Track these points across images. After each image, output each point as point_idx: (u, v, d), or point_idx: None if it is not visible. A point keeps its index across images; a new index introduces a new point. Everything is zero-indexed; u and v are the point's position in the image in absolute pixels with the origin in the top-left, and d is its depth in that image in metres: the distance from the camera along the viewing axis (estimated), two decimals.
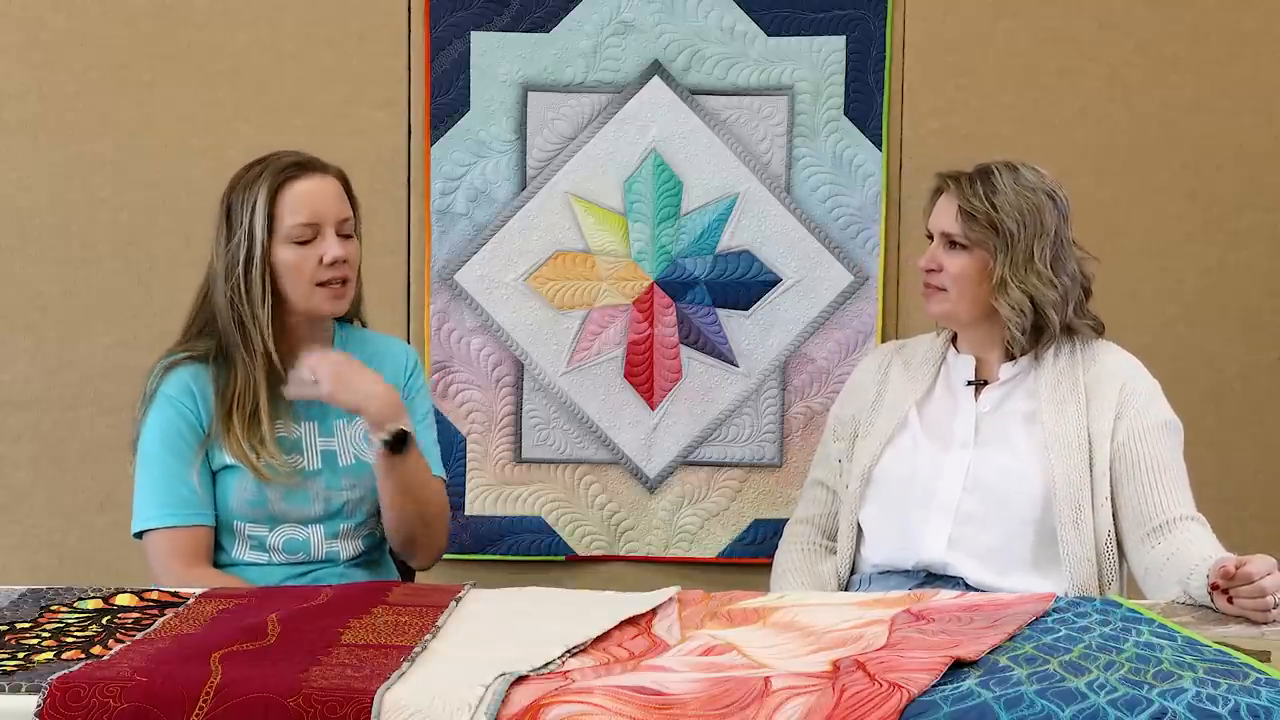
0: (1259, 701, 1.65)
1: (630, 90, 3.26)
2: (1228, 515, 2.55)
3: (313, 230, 2.41)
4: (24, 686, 1.72)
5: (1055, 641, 1.89)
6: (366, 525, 2.52)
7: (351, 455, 2.49)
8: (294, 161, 2.45)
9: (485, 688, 1.68)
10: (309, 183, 2.43)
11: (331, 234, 2.42)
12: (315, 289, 2.42)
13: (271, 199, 2.40)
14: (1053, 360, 2.56)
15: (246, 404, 2.40)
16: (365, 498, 2.49)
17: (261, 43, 3.27)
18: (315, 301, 2.42)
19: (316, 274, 2.41)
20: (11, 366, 3.29)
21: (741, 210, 3.27)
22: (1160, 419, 2.51)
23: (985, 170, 2.56)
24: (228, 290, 2.41)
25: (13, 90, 3.26)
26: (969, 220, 2.52)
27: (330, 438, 2.49)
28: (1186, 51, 3.25)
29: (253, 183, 2.42)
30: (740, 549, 3.31)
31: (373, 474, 2.46)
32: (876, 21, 3.24)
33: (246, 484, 2.41)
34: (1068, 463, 2.47)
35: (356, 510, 2.49)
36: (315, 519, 2.46)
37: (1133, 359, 2.59)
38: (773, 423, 3.31)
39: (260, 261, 2.39)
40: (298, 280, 2.41)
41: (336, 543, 2.49)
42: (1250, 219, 3.28)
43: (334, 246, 2.41)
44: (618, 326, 3.30)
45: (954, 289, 2.55)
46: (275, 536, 2.44)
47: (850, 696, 1.66)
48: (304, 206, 2.41)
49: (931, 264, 2.57)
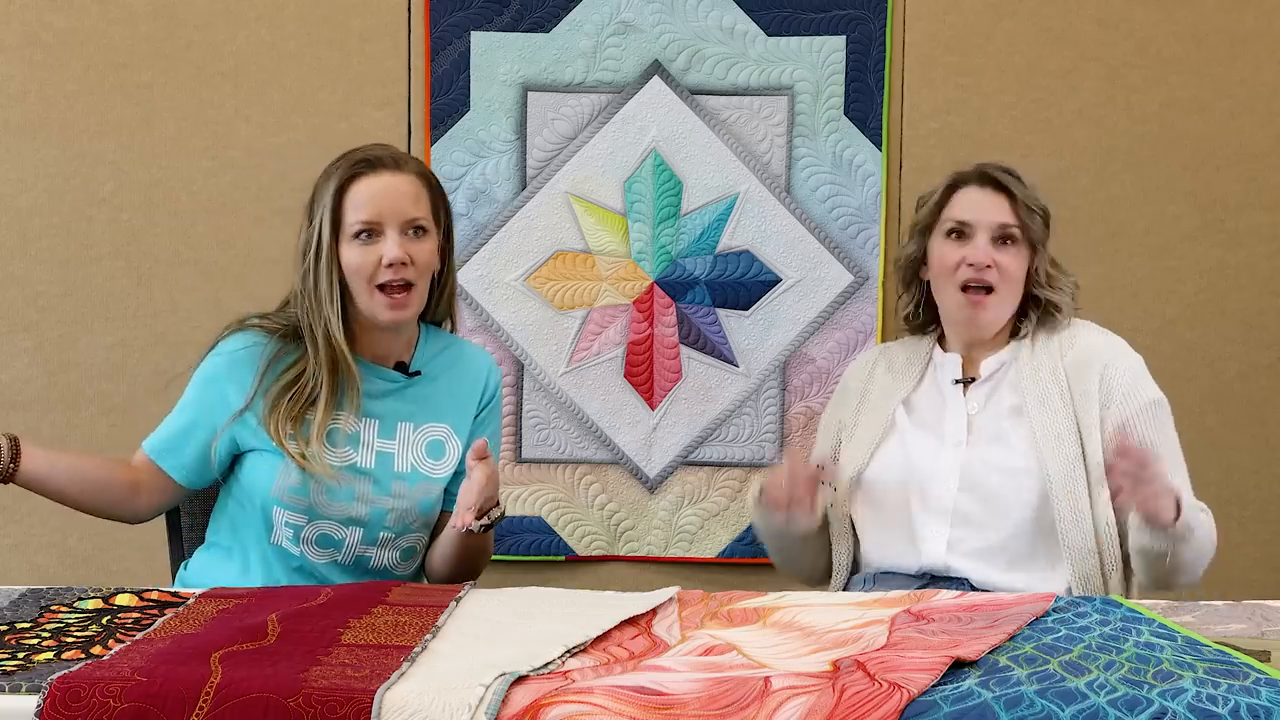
0: (1259, 701, 1.65)
1: (630, 90, 3.27)
2: (1228, 515, 2.56)
3: (374, 227, 2.34)
4: (24, 686, 1.72)
5: (1055, 641, 1.89)
6: (406, 539, 2.45)
7: (409, 463, 2.42)
8: (364, 157, 2.38)
9: (485, 688, 1.68)
10: (377, 180, 2.35)
11: (393, 233, 2.34)
12: (375, 294, 2.34)
13: (339, 194, 2.35)
14: (1030, 351, 2.55)
15: (304, 390, 2.35)
16: (411, 510, 2.42)
17: (261, 43, 3.27)
18: (373, 306, 2.35)
19: (375, 275, 2.33)
20: (11, 366, 3.29)
21: (741, 210, 3.27)
22: (1147, 399, 2.50)
23: (1008, 168, 2.58)
24: (300, 279, 2.38)
25: (13, 90, 3.27)
26: (1028, 212, 2.52)
27: (390, 440, 2.42)
28: (1186, 51, 3.25)
29: (329, 175, 2.38)
30: (740, 549, 3.32)
31: (425, 487, 2.42)
32: (876, 21, 3.24)
33: (291, 470, 2.35)
34: (1060, 456, 2.47)
35: (400, 521, 2.41)
36: (356, 520, 2.39)
37: (1111, 337, 2.58)
38: (773, 423, 3.31)
39: (327, 255, 2.34)
40: (357, 280, 2.34)
41: (372, 549, 2.42)
42: (1250, 219, 3.28)
43: (393, 247, 2.32)
44: (618, 326, 3.30)
45: (1004, 288, 2.52)
46: (311, 530, 2.38)
47: (850, 696, 1.66)
48: (366, 204, 2.34)
49: (986, 259, 2.51)
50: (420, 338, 2.49)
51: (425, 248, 2.38)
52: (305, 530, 2.39)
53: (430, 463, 2.44)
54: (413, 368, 2.46)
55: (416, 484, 2.42)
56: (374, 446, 2.40)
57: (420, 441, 2.43)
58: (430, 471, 2.44)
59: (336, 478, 2.36)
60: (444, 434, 2.46)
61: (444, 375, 2.48)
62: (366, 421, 2.40)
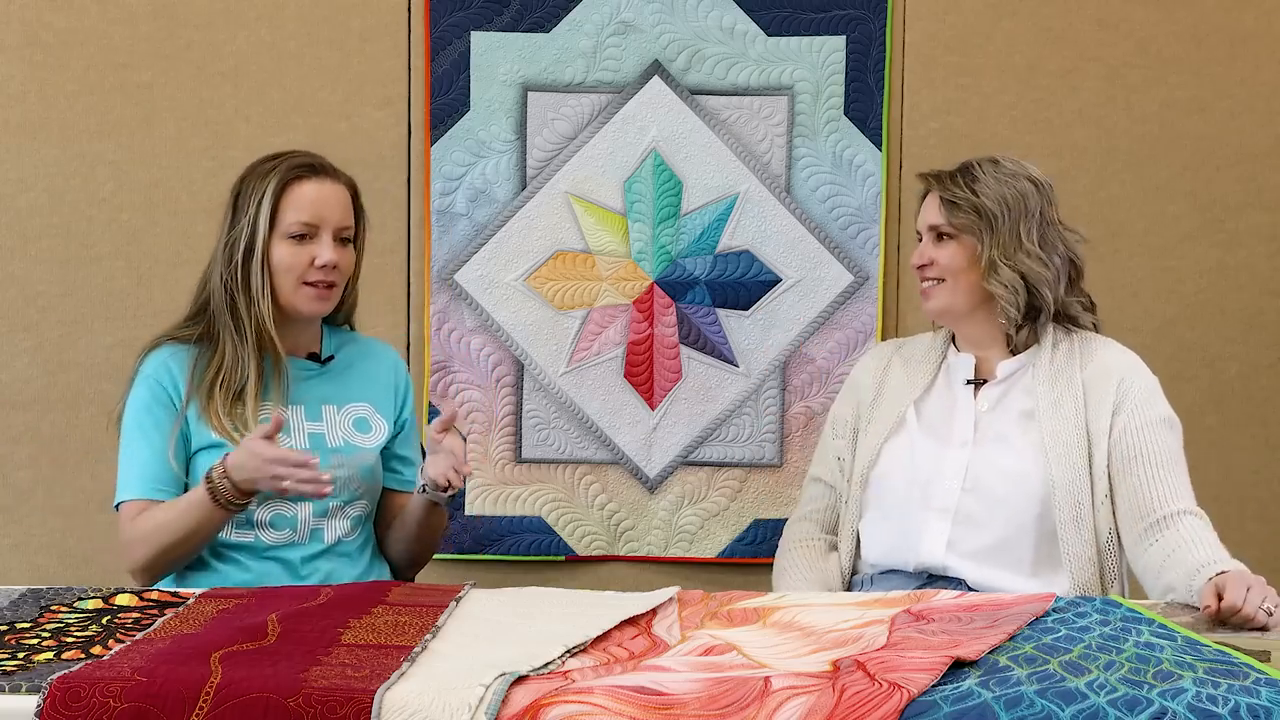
0: (1259, 701, 1.65)
1: (630, 90, 3.27)
2: (1228, 515, 2.55)
3: (310, 230, 2.48)
4: (24, 686, 1.72)
5: (1055, 641, 1.89)
6: (355, 506, 2.55)
7: (340, 438, 2.54)
8: (306, 162, 2.53)
9: (485, 688, 1.68)
10: (317, 185, 2.51)
11: (328, 238, 2.49)
12: (301, 287, 2.49)
13: (278, 194, 2.48)
14: (1050, 357, 2.56)
15: (232, 383, 2.46)
16: (354, 477, 2.53)
17: (261, 43, 3.27)
18: (298, 299, 2.49)
19: (305, 274, 2.48)
20: (11, 366, 3.29)
21: (741, 210, 3.27)
22: (1159, 415, 2.51)
23: (966, 165, 2.62)
24: (225, 274, 2.49)
25: (13, 90, 3.26)
26: (952, 209, 2.57)
27: (318, 421, 2.54)
28: (1186, 51, 3.25)
29: (264, 175, 2.50)
30: (740, 549, 3.31)
31: (361, 457, 2.53)
32: (876, 21, 3.24)
33: None
34: (1066, 462, 2.48)
35: (344, 489, 2.51)
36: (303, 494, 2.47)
37: (1131, 355, 2.59)
38: (773, 423, 3.31)
39: (261, 251, 2.47)
40: (286, 276, 2.48)
41: (324, 521, 2.51)
42: (1250, 219, 3.28)
43: (326, 251, 2.48)
44: (618, 326, 3.30)
45: (949, 279, 2.58)
46: (263, 512, 2.46)
47: (850, 696, 1.66)
48: (307, 206, 2.49)
49: (922, 259, 2.61)
50: (324, 333, 2.63)
51: (349, 255, 2.55)
52: (258, 513, 2.46)
53: (360, 436, 2.57)
54: (324, 355, 2.59)
55: (352, 454, 2.54)
56: (304, 430, 2.52)
57: (345, 420, 2.57)
58: (361, 443, 2.57)
59: None
60: (366, 412, 2.60)
61: (356, 363, 2.63)
62: (293, 409, 2.51)
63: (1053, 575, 2.47)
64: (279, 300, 2.49)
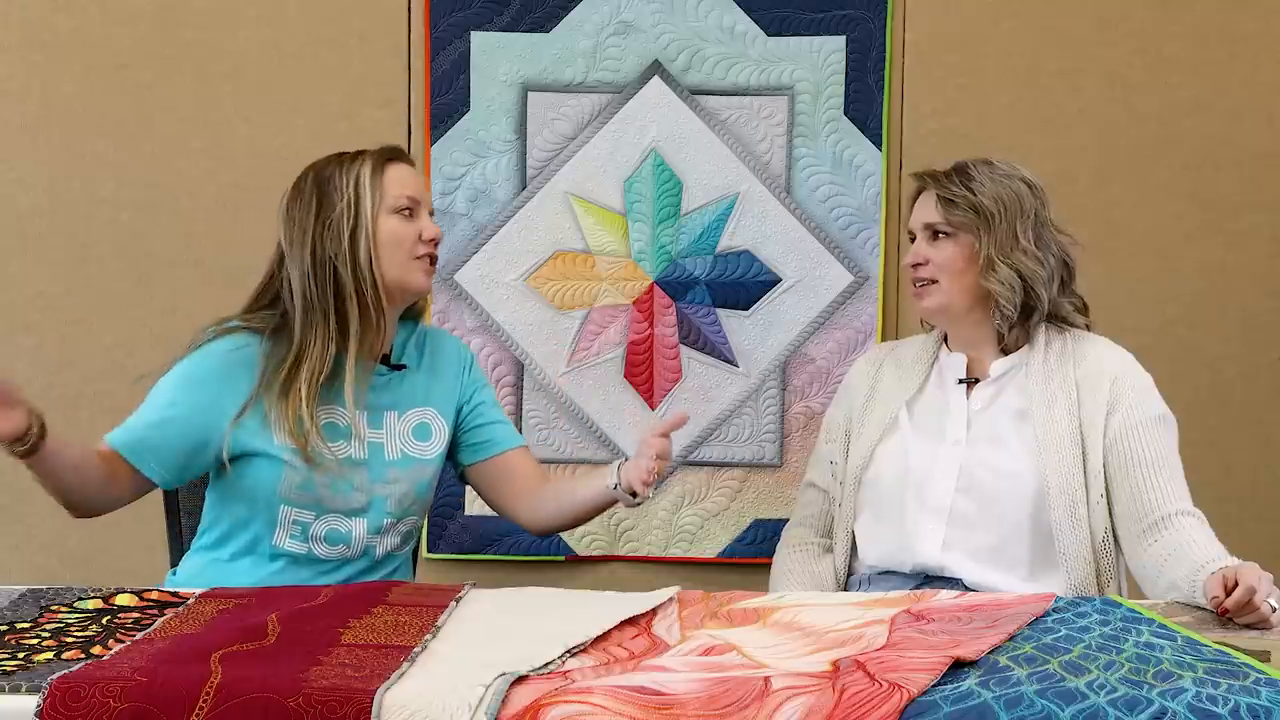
0: (1259, 701, 1.65)
1: (630, 90, 3.27)
2: (1228, 515, 2.55)
3: (414, 205, 2.47)
4: (24, 686, 1.72)
5: (1055, 641, 1.89)
6: (406, 522, 2.51)
7: (398, 449, 2.48)
8: (393, 147, 2.52)
9: (485, 688, 1.68)
10: (407, 168, 2.51)
11: (426, 214, 2.50)
12: (412, 261, 2.46)
13: (378, 174, 2.46)
14: (1043, 356, 2.56)
15: (315, 381, 2.38)
16: (409, 493, 2.48)
17: (261, 43, 3.27)
18: (411, 273, 2.46)
19: (415, 247, 2.46)
20: (11, 366, 3.29)
21: (741, 210, 3.27)
22: (1153, 413, 2.50)
23: (961, 165, 2.61)
24: (325, 263, 2.40)
25: (13, 90, 3.27)
26: (949, 207, 2.56)
27: (379, 430, 2.47)
28: (1186, 51, 3.25)
29: (352, 162, 2.47)
30: (740, 549, 3.32)
31: (418, 469, 2.49)
32: (876, 21, 3.24)
33: (297, 466, 2.38)
34: (1060, 461, 2.47)
35: (399, 505, 2.48)
36: (359, 510, 2.44)
37: (1125, 353, 2.59)
38: (773, 423, 3.31)
39: (370, 229, 2.42)
40: (397, 251, 2.44)
41: (377, 538, 2.47)
42: (1250, 219, 3.28)
43: (430, 225, 2.48)
44: (618, 326, 3.30)
45: (944, 279, 2.57)
46: (320, 525, 2.43)
47: (850, 696, 1.66)
48: (409, 183, 2.48)
49: (917, 259, 2.60)
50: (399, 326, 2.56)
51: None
52: (314, 526, 2.43)
53: (418, 445, 2.51)
54: (395, 360, 2.52)
55: (409, 468, 2.48)
56: (365, 438, 2.45)
57: (405, 427, 2.51)
58: (420, 453, 2.50)
59: (340, 470, 2.40)
60: (429, 416, 2.53)
61: (422, 364, 2.57)
62: (357, 414, 2.43)
63: (1049, 575, 2.47)
64: (387, 280, 2.43)
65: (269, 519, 2.42)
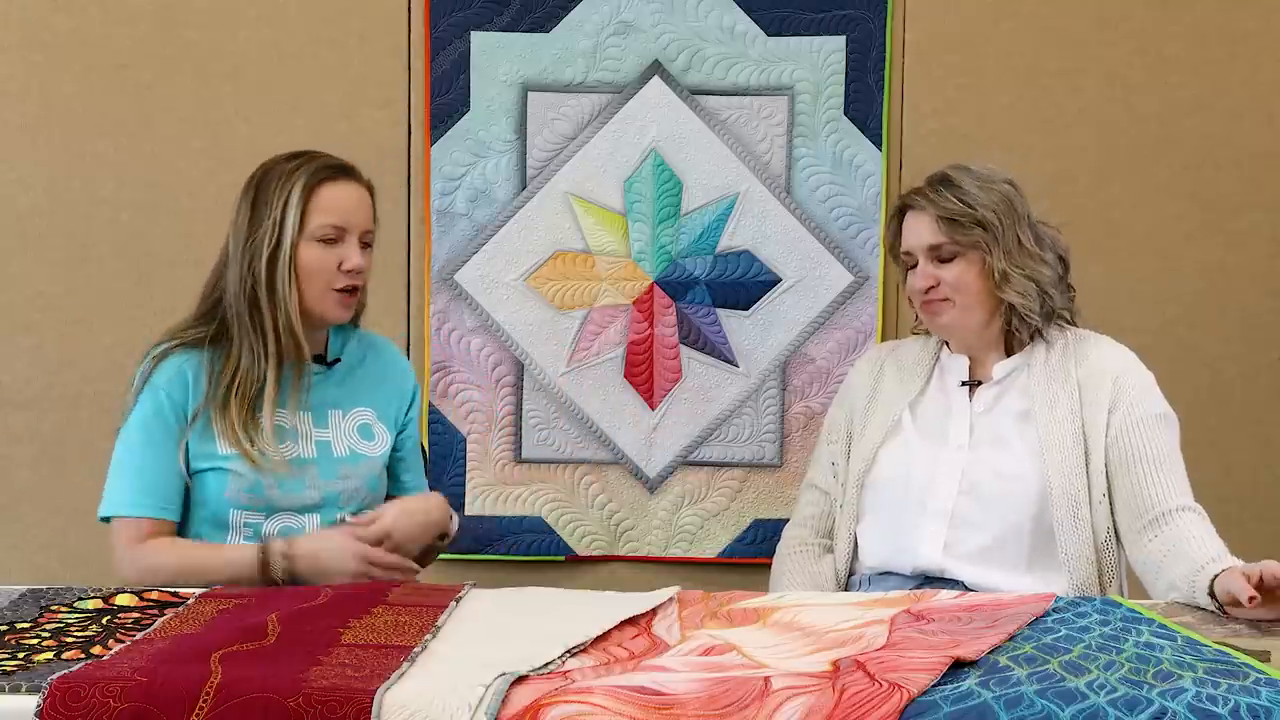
0: (1259, 701, 1.65)
1: (630, 90, 3.27)
2: (1228, 515, 2.55)
3: (339, 234, 2.43)
4: (24, 686, 1.72)
5: (1055, 641, 1.89)
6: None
7: (346, 447, 2.50)
8: (333, 164, 2.46)
9: (485, 688, 1.68)
10: (345, 187, 2.45)
11: (354, 242, 2.44)
12: (328, 293, 2.43)
13: (306, 195, 2.41)
14: (1045, 356, 2.56)
15: (249, 390, 2.40)
16: (361, 488, 2.50)
17: (261, 43, 3.27)
18: (326, 305, 2.44)
19: (333, 279, 2.43)
20: (11, 366, 3.29)
21: (741, 210, 3.27)
22: (1155, 411, 2.50)
23: (941, 177, 2.57)
24: (247, 276, 2.41)
25: (13, 90, 3.27)
26: (953, 227, 2.51)
27: (324, 429, 2.50)
28: (1186, 51, 3.25)
29: (289, 175, 2.43)
30: (740, 549, 3.32)
31: (367, 464, 2.51)
32: (876, 21, 3.24)
33: (243, 472, 2.40)
34: (1063, 461, 2.47)
35: (352, 500, 2.49)
36: (311, 507, 2.45)
37: (1126, 352, 2.58)
38: (773, 423, 3.31)
39: (289, 253, 2.40)
40: (314, 280, 2.42)
41: None
42: (1250, 219, 3.28)
43: (355, 255, 2.43)
44: (618, 326, 3.30)
45: (960, 298, 2.53)
46: (271, 524, 2.43)
47: (850, 696, 1.66)
48: (337, 209, 2.43)
49: (928, 280, 2.54)
50: (331, 334, 2.57)
51: (370, 259, 2.50)
52: (265, 526, 2.44)
53: (365, 443, 2.53)
54: (330, 357, 2.54)
55: (358, 464, 2.51)
56: (312, 437, 2.48)
57: (350, 426, 2.53)
58: (367, 451, 2.53)
59: (289, 470, 2.42)
60: (369, 418, 2.56)
61: (361, 364, 2.58)
62: (301, 415, 2.47)
63: (1050, 575, 2.47)
64: (304, 304, 2.42)
65: (221, 524, 2.43)
